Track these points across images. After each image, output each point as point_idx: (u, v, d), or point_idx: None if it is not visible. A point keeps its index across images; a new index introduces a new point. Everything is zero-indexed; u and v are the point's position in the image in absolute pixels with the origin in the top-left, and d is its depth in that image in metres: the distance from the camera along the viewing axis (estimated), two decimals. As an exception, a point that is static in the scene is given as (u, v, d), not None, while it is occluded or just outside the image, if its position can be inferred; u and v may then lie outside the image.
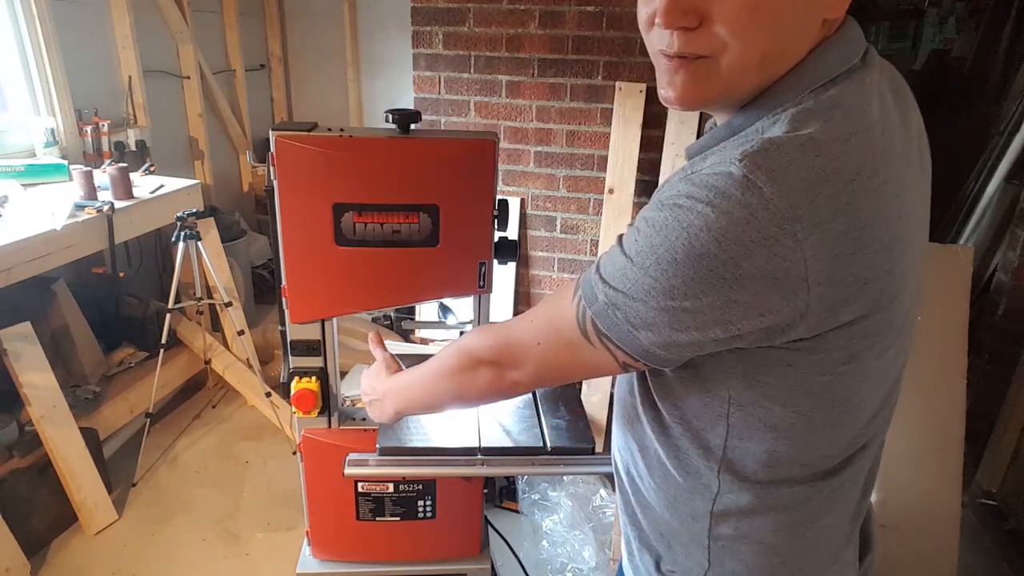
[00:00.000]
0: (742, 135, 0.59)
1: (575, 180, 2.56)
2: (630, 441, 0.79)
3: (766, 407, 0.62)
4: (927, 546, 1.68)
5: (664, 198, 0.55)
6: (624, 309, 0.58)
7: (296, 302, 1.10)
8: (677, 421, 0.69)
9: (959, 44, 3.70)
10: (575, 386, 1.37)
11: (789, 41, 0.57)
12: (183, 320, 2.75)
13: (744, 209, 0.50)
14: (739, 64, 0.56)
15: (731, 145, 0.57)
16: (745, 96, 0.60)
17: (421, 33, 2.49)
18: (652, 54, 0.63)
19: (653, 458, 0.74)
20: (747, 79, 0.58)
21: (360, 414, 1.27)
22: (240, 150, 3.65)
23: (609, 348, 0.62)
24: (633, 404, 0.76)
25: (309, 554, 1.32)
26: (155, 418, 2.46)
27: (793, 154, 0.51)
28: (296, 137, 1.00)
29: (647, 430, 0.73)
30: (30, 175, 2.20)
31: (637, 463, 0.77)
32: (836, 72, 0.57)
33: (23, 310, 2.02)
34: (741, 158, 0.52)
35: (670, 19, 0.56)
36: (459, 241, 1.08)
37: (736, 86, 0.59)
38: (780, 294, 0.52)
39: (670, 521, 0.74)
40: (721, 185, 0.51)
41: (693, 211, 0.52)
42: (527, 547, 2.05)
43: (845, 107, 0.55)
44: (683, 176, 0.56)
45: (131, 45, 2.71)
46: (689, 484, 0.70)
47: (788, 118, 0.55)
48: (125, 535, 2.10)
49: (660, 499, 0.75)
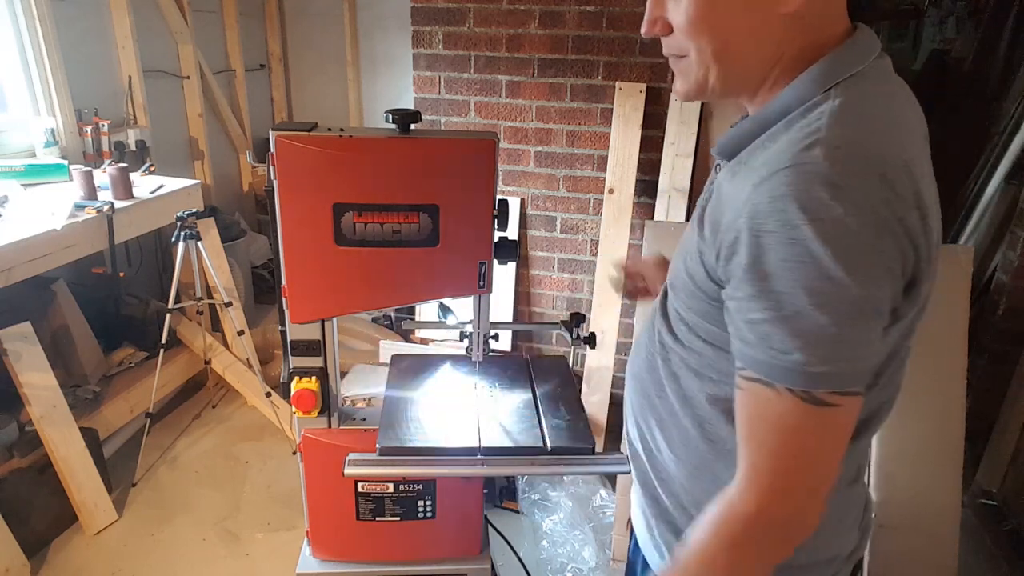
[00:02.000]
0: (771, 132, 0.65)
1: (575, 180, 2.56)
2: (648, 417, 0.83)
3: None
4: (927, 546, 1.68)
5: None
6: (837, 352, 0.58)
7: (296, 302, 1.10)
8: (705, 390, 0.74)
9: (959, 44, 3.70)
10: (575, 386, 1.37)
11: (744, 37, 0.65)
12: (183, 320, 2.75)
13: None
14: (701, 59, 0.67)
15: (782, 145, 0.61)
16: (724, 89, 0.69)
17: (421, 33, 2.49)
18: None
19: (674, 430, 0.79)
20: (715, 73, 0.67)
21: (360, 414, 1.27)
22: (240, 150, 3.65)
23: (845, 399, 0.60)
24: (654, 379, 0.81)
25: (309, 554, 1.32)
26: (155, 418, 2.46)
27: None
28: (296, 137, 1.00)
29: (672, 403, 0.78)
30: (30, 175, 2.20)
31: (656, 438, 0.82)
32: (849, 72, 0.63)
33: (23, 310, 2.02)
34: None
35: (646, 29, 0.71)
36: (459, 241, 1.08)
37: (708, 79, 0.68)
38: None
39: (692, 490, 0.79)
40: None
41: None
42: (527, 547, 2.05)
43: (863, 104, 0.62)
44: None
45: (131, 45, 2.71)
46: (714, 451, 0.75)
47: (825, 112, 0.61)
48: (125, 535, 2.10)
49: (682, 470, 0.79)
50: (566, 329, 1.34)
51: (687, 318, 0.75)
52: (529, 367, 1.42)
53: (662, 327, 0.80)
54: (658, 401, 0.81)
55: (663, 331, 0.80)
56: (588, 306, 2.64)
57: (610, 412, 2.46)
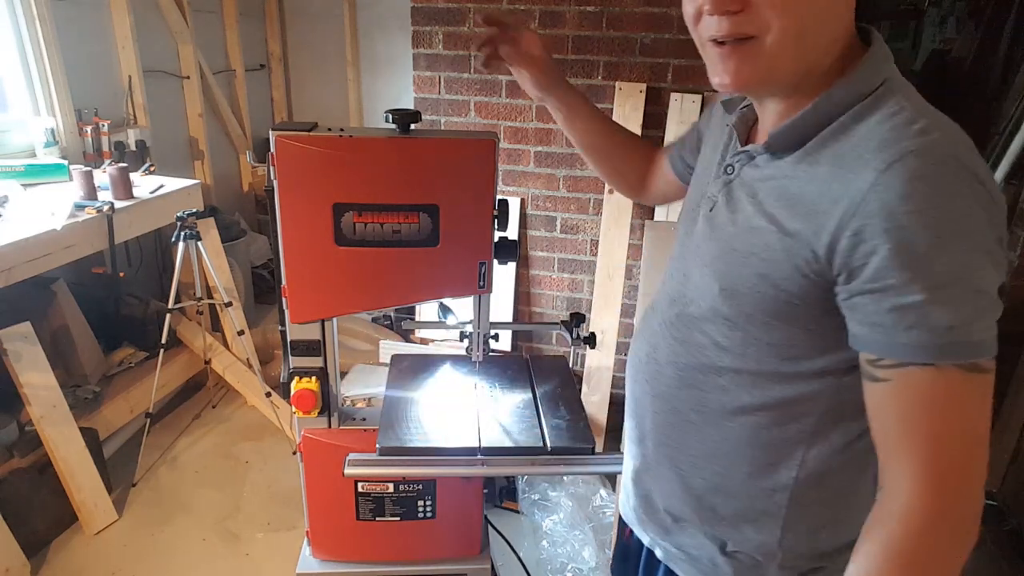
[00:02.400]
0: (840, 123, 0.64)
1: (575, 180, 2.56)
2: (686, 436, 0.80)
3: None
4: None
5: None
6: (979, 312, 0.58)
7: (296, 302, 1.10)
8: (768, 395, 0.72)
9: (959, 44, 3.69)
10: (575, 386, 1.37)
11: (824, 18, 0.63)
12: (183, 320, 2.75)
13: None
14: (780, 40, 0.62)
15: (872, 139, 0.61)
16: (786, 76, 0.66)
17: (421, 33, 2.49)
18: (701, 46, 0.69)
19: (724, 444, 0.76)
20: (788, 56, 0.63)
21: (360, 414, 1.27)
22: (240, 150, 3.65)
23: (993, 363, 0.61)
24: (691, 396, 0.78)
25: (309, 554, 1.32)
26: (155, 418, 2.46)
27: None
28: (296, 137, 1.00)
29: (716, 416, 0.76)
30: (30, 175, 2.20)
31: (692, 454, 0.80)
32: (891, 68, 0.66)
33: (23, 310, 2.02)
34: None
35: (718, 5, 0.63)
36: (459, 241, 1.08)
37: (779, 64, 0.64)
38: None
39: (742, 500, 0.77)
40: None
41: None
42: (527, 547, 2.05)
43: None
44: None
45: (131, 45, 2.71)
46: (771, 457, 0.74)
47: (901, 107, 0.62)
48: (125, 535, 2.10)
49: (733, 480, 0.77)
50: (566, 329, 1.34)
51: (747, 325, 0.71)
52: (529, 367, 1.42)
53: (703, 338, 0.76)
54: (696, 416, 0.78)
55: (704, 344, 0.76)
56: (588, 306, 2.64)
57: (610, 412, 2.46)
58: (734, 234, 0.72)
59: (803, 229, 0.63)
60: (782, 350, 0.69)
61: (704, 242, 0.77)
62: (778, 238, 0.66)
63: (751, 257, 0.68)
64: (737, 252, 0.70)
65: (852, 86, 0.64)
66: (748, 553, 0.79)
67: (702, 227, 0.78)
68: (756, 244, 0.68)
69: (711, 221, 0.76)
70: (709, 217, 0.77)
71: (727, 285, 0.71)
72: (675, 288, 0.82)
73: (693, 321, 0.77)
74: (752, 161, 0.73)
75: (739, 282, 0.70)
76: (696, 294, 0.77)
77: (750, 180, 0.72)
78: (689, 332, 0.78)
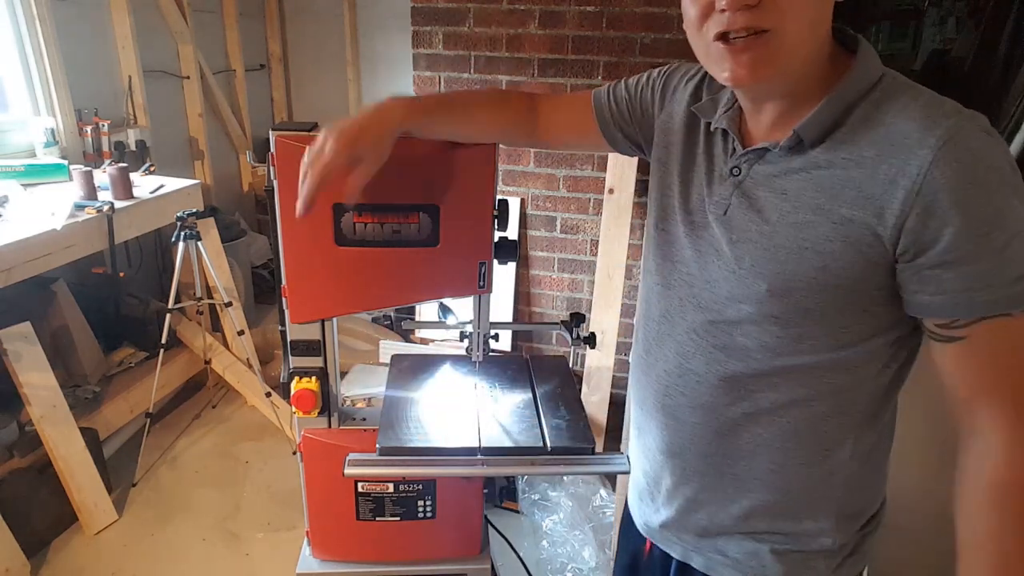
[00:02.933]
0: (860, 112, 0.67)
1: (575, 180, 2.56)
2: (736, 440, 0.80)
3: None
4: (927, 546, 1.68)
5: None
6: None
7: (296, 302, 1.10)
8: (838, 379, 0.73)
9: (959, 44, 3.69)
10: (575, 386, 1.37)
11: (824, 10, 0.65)
12: (183, 320, 2.75)
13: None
14: (796, 31, 0.63)
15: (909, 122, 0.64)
16: (800, 67, 0.67)
17: (421, 33, 2.49)
18: (705, 45, 0.68)
19: (777, 439, 0.77)
20: (804, 46, 0.65)
21: (360, 414, 1.27)
22: (240, 150, 3.65)
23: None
24: (747, 401, 0.77)
25: (309, 554, 1.31)
26: (155, 418, 2.46)
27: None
28: (296, 137, 1.00)
29: (778, 409, 0.76)
30: (30, 175, 2.20)
31: (744, 456, 0.80)
32: (880, 73, 0.69)
33: (23, 310, 2.02)
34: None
35: (735, 0, 0.62)
36: (459, 241, 1.08)
37: (796, 55, 0.65)
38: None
39: (799, 492, 0.79)
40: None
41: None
42: (527, 547, 2.05)
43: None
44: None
45: (131, 45, 2.71)
46: (827, 443, 0.77)
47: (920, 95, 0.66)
48: (125, 535, 2.10)
49: (789, 472, 0.79)
50: (566, 329, 1.33)
51: (803, 320, 0.71)
52: (529, 367, 1.42)
53: (748, 341, 0.75)
54: (745, 419, 0.78)
55: (750, 347, 0.75)
56: (588, 306, 2.64)
57: (610, 412, 2.46)
58: (773, 232, 0.71)
59: (859, 214, 0.65)
60: (838, 337, 0.71)
61: (728, 246, 0.75)
62: (832, 228, 0.66)
63: (805, 252, 0.68)
64: (785, 249, 0.70)
65: (859, 78, 0.67)
66: (801, 550, 0.81)
67: (717, 231, 0.77)
68: (807, 238, 0.68)
69: (727, 224, 0.75)
70: (723, 220, 0.76)
71: (778, 285, 0.70)
72: (696, 295, 0.80)
73: (732, 326, 0.76)
74: (763, 159, 0.73)
75: (793, 279, 0.69)
76: (732, 299, 0.75)
77: (767, 177, 0.72)
78: (729, 337, 0.76)
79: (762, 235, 0.72)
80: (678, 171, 0.84)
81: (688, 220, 0.81)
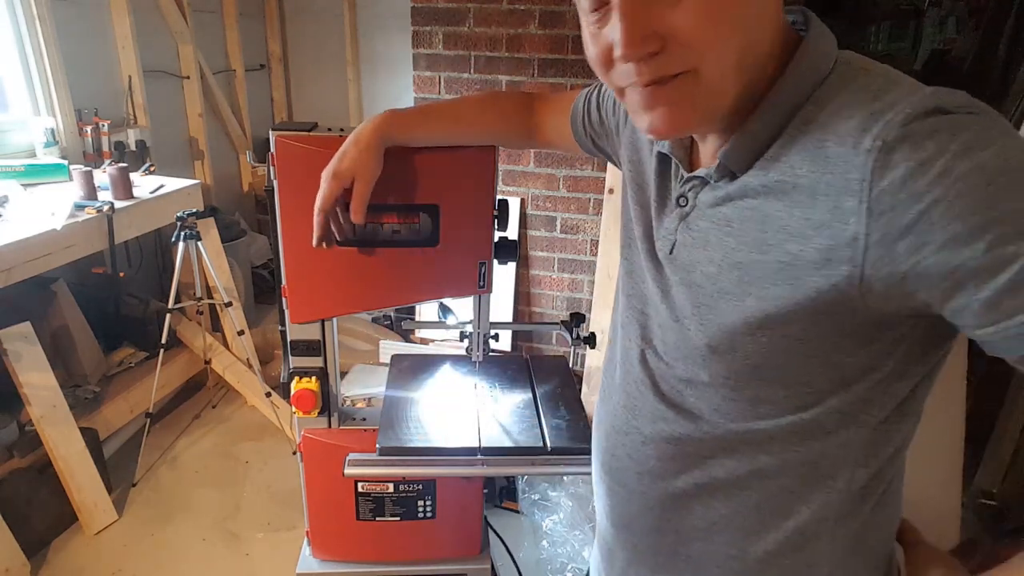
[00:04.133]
0: (798, 121, 0.54)
1: (575, 180, 2.56)
2: (688, 516, 0.67)
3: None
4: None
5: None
6: None
7: (296, 302, 1.10)
8: (809, 447, 0.59)
9: (959, 44, 3.70)
10: (575, 386, 1.37)
11: (758, 29, 0.53)
12: (183, 320, 2.75)
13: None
14: (719, 70, 0.52)
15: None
16: (731, 104, 0.55)
17: (421, 33, 2.49)
18: (616, 92, 0.58)
19: (731, 519, 0.64)
20: (729, 84, 0.53)
21: (360, 414, 1.27)
22: (240, 150, 3.65)
23: None
24: (698, 472, 0.64)
25: (309, 554, 1.32)
26: (155, 418, 2.46)
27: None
28: (296, 137, 1.00)
29: (736, 478, 0.62)
30: (30, 175, 2.20)
31: (698, 535, 0.67)
32: (831, 62, 0.54)
33: (23, 310, 2.02)
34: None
35: (632, 50, 0.51)
36: (459, 241, 1.08)
37: (720, 96, 0.54)
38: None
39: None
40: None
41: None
42: (527, 547, 2.05)
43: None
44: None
45: (131, 45, 2.71)
46: (802, 524, 0.62)
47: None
48: (125, 535, 2.10)
49: (750, 563, 0.65)
50: (566, 329, 1.34)
51: (751, 379, 0.58)
52: (529, 367, 1.42)
53: (698, 403, 0.63)
54: (696, 490, 0.65)
55: (701, 410, 0.63)
56: (588, 306, 2.64)
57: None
58: (717, 275, 0.58)
59: (806, 250, 0.51)
60: (801, 398, 0.57)
61: (674, 289, 0.63)
62: (777, 269, 0.53)
63: (747, 298, 0.55)
64: (728, 296, 0.57)
65: (797, 80, 0.54)
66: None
67: (667, 271, 0.65)
68: (752, 282, 0.55)
69: (673, 264, 0.63)
70: (670, 260, 0.64)
71: (721, 341, 0.58)
72: (650, 339, 0.68)
73: (682, 383, 0.64)
74: (708, 185, 0.60)
75: (735, 334, 0.57)
76: (679, 354, 0.63)
77: (712, 207, 0.59)
78: (679, 396, 0.64)
79: (706, 278, 0.59)
80: (633, 194, 0.73)
81: (649, 251, 0.69)
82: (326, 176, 0.90)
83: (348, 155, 0.90)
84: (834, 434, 0.58)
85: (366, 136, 0.90)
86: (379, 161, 0.91)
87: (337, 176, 0.89)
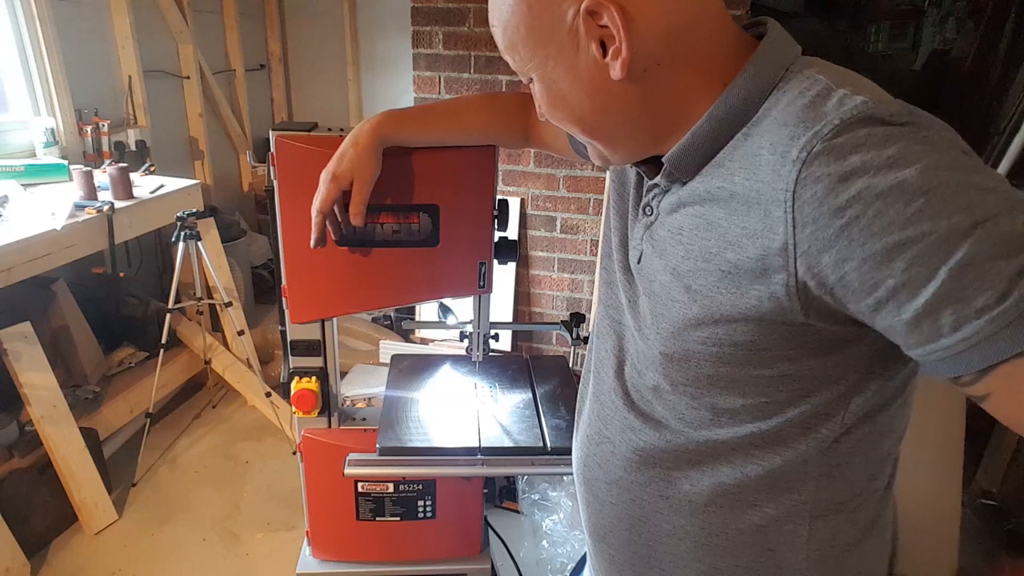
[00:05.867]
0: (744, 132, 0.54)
1: (575, 180, 2.56)
2: (646, 530, 0.67)
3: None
4: (927, 546, 1.68)
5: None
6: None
7: (296, 302, 1.10)
8: (769, 460, 0.60)
9: (959, 44, 3.70)
10: (575, 386, 1.37)
11: (604, 107, 0.58)
12: (183, 320, 2.75)
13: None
14: (631, 145, 0.62)
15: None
16: (652, 142, 0.61)
17: (421, 33, 2.49)
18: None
19: (698, 533, 0.65)
20: (646, 143, 0.61)
21: (360, 414, 1.27)
22: (240, 150, 3.65)
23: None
24: (664, 469, 0.65)
25: (309, 554, 1.32)
26: (155, 418, 2.46)
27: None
28: (296, 137, 1.00)
29: (700, 490, 0.63)
30: (30, 175, 2.20)
31: (662, 548, 0.68)
32: (794, 55, 0.55)
33: (23, 310, 2.02)
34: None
35: (569, 147, 0.63)
36: (459, 241, 1.08)
37: (646, 148, 0.62)
38: None
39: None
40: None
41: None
42: (527, 547, 2.05)
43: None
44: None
45: (131, 45, 2.71)
46: (770, 539, 0.63)
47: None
48: (125, 535, 2.10)
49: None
50: (566, 329, 1.34)
51: (709, 387, 0.59)
52: (529, 367, 1.42)
53: (663, 411, 0.64)
54: (664, 504, 0.66)
55: (663, 417, 0.64)
56: (588, 306, 2.64)
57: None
58: (671, 283, 0.58)
59: (743, 258, 0.51)
60: (761, 409, 0.58)
61: (640, 299, 0.65)
62: (720, 277, 0.53)
63: (694, 307, 0.56)
64: (679, 304, 0.58)
65: (743, 86, 0.54)
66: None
67: (637, 281, 0.66)
68: (699, 290, 0.55)
69: (640, 273, 0.65)
70: (638, 269, 0.65)
71: (674, 349, 0.59)
72: (623, 348, 0.70)
73: (650, 392, 0.65)
74: (667, 192, 0.61)
75: (688, 342, 0.58)
76: (643, 362, 0.64)
77: (669, 213, 0.60)
78: (648, 404, 0.65)
79: (662, 287, 0.60)
80: (614, 204, 0.74)
81: (622, 262, 0.70)
82: (324, 178, 0.89)
83: (346, 156, 0.89)
84: (793, 447, 0.58)
85: (364, 137, 0.90)
86: (378, 162, 0.91)
87: (336, 178, 0.89)
